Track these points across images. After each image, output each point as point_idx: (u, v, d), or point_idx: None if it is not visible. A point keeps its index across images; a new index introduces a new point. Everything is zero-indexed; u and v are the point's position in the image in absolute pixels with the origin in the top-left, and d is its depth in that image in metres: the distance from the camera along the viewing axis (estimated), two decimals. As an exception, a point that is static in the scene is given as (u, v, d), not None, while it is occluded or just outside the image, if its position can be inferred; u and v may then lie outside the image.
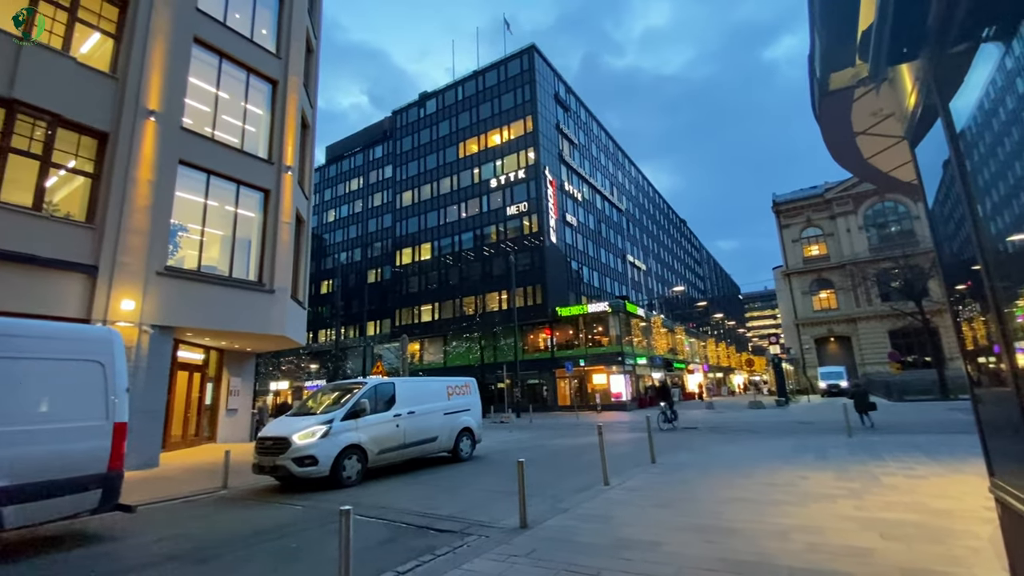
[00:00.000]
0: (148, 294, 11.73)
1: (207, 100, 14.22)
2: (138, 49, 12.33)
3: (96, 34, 12.19)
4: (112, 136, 11.69)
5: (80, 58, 11.62)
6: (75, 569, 4.96)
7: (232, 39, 14.86)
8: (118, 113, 11.84)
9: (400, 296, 52.45)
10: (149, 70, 12.43)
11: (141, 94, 12.19)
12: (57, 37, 11.25)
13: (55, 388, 5.70)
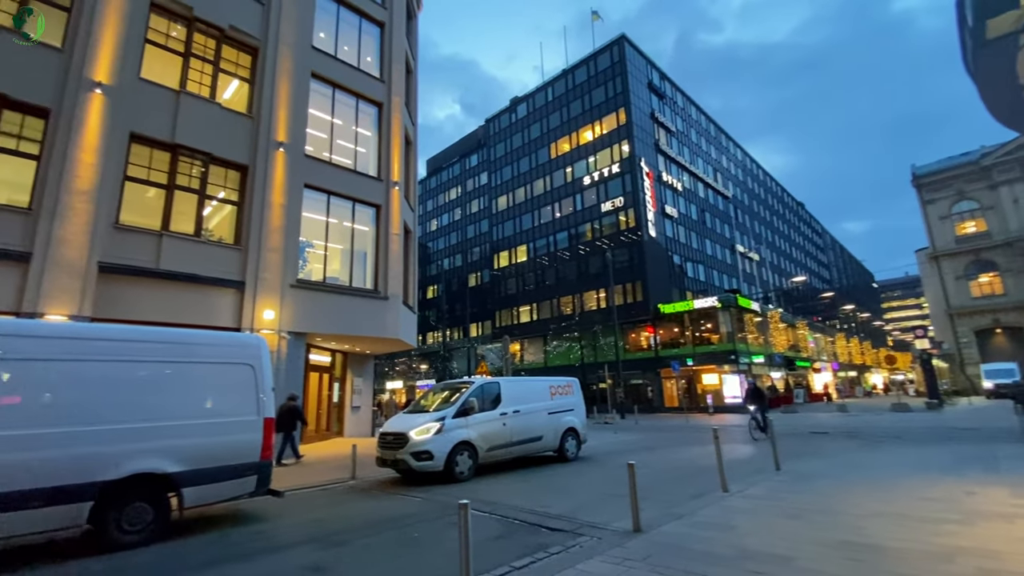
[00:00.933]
0: (284, 305, 13.28)
1: (324, 127, 15.77)
2: (268, 89, 14.04)
3: (235, 81, 14.08)
4: (251, 168, 13.43)
5: (224, 103, 13.50)
6: (237, 544, 5.74)
7: (342, 70, 16.34)
8: (255, 147, 13.58)
9: (499, 298, 53.82)
10: (277, 106, 14.09)
11: (272, 128, 13.86)
12: (206, 88, 13.19)
13: (218, 388, 6.67)
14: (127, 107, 11.50)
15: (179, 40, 12.97)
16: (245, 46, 14.15)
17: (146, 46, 12.26)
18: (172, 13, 12.86)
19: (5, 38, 10.17)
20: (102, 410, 5.63)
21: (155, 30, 12.56)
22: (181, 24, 13.03)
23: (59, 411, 5.40)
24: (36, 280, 9.85)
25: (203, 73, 13.23)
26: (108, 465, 5.49)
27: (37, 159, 10.42)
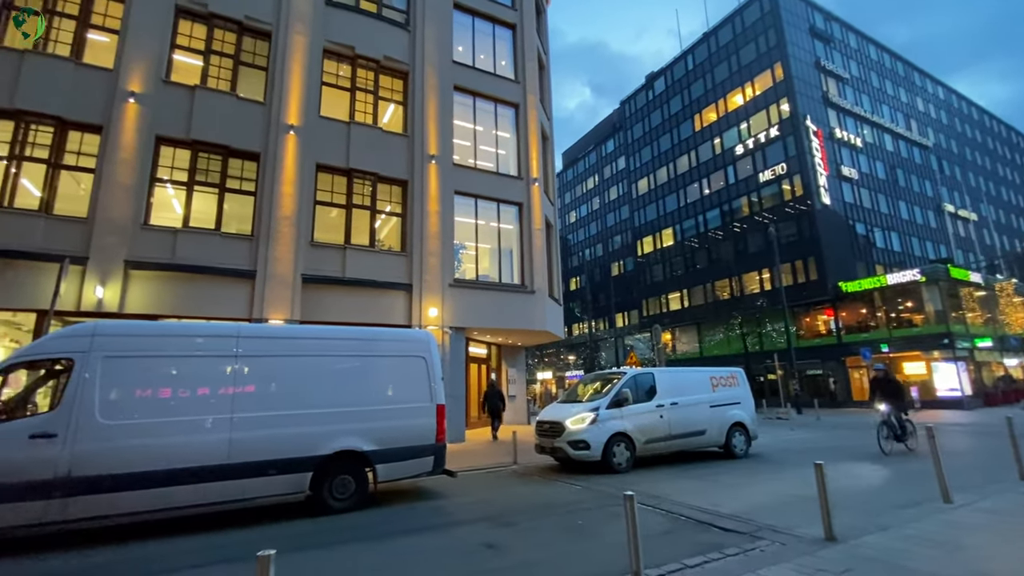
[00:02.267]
0: (445, 303, 14.53)
1: (467, 135, 16.82)
2: (418, 108, 15.43)
3: (392, 105, 15.75)
4: (410, 181, 14.93)
5: (384, 127, 15.20)
6: (422, 517, 6.45)
7: (480, 78, 17.22)
8: (411, 162, 15.05)
9: (645, 286, 51.83)
10: (427, 123, 15.42)
11: (424, 143, 15.22)
12: (369, 115, 14.98)
13: (398, 378, 7.56)
14: (313, 142, 13.64)
15: (346, 78, 14.95)
16: (397, 72, 15.75)
17: (323, 88, 14.38)
18: (339, 55, 14.87)
19: (230, 101, 12.81)
20: (312, 397, 6.78)
21: (328, 73, 14.66)
22: (346, 63, 15.00)
23: (282, 398, 6.64)
24: (260, 292, 12.26)
25: (366, 103, 15.07)
26: (321, 442, 6.60)
27: (254, 194, 12.93)
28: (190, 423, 6.04)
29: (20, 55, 11.00)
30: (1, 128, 10.91)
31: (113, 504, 5.54)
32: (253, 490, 6.23)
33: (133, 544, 5.47)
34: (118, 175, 11.33)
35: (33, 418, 5.52)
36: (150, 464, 5.68)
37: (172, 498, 5.79)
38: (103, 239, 10.93)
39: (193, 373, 6.33)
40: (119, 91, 11.65)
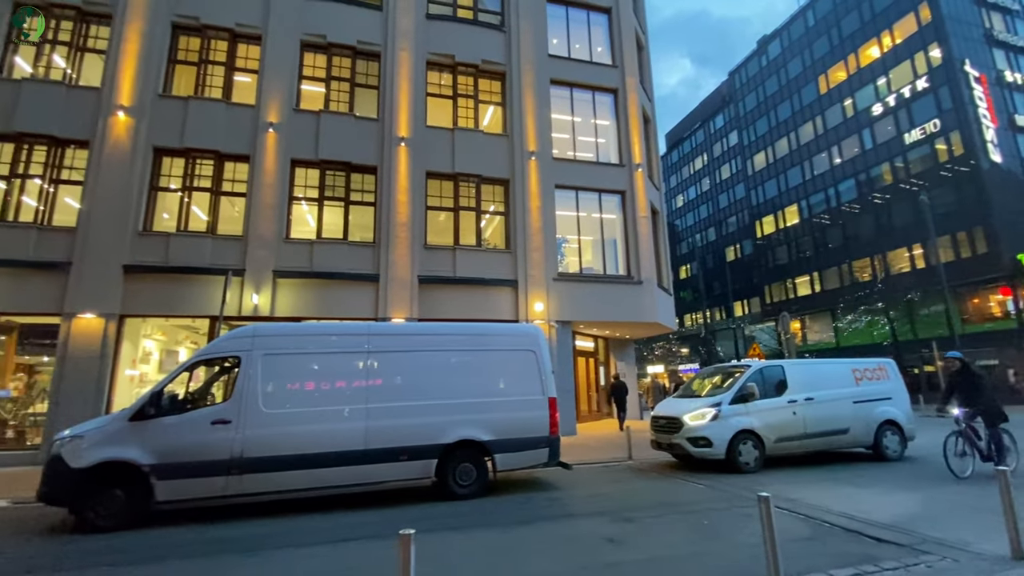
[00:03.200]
0: (550, 297, 14.63)
1: (566, 128, 16.71)
2: (516, 106, 15.66)
3: (491, 107, 16.18)
4: (511, 180, 15.23)
5: (485, 129, 15.68)
6: (540, 507, 6.58)
7: (576, 68, 17.01)
8: (512, 161, 15.35)
9: (767, 270, 47.53)
10: (525, 120, 15.59)
11: (524, 141, 15.43)
12: (471, 120, 15.54)
13: (509, 371, 7.78)
14: (421, 152, 14.50)
15: (447, 86, 15.66)
16: (495, 74, 16.12)
17: (427, 99, 15.20)
18: (441, 65, 15.61)
19: (349, 121, 14.08)
20: (433, 389, 7.23)
21: (431, 83, 15.46)
22: (447, 72, 15.70)
23: (407, 389, 7.17)
24: (384, 293, 13.34)
25: (467, 108, 15.65)
26: (443, 431, 7.03)
27: (374, 205, 14.08)
28: (331, 412, 6.78)
29: (184, 101, 13.11)
30: (175, 165, 13.10)
31: (275, 482, 6.41)
32: (388, 474, 6.82)
33: (286, 518, 6.28)
34: (264, 197, 13.03)
35: (213, 407, 6.56)
36: (302, 448, 6.48)
37: (322, 478, 6.56)
38: (255, 253, 12.66)
39: (331, 368, 7.09)
40: (261, 123, 13.38)
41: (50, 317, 11.50)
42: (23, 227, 11.68)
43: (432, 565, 4.22)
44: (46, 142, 12.26)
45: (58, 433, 6.37)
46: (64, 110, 12.29)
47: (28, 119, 12.05)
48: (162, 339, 13.60)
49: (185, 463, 6.05)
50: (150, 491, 5.96)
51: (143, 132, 12.60)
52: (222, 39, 13.99)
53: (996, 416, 7.43)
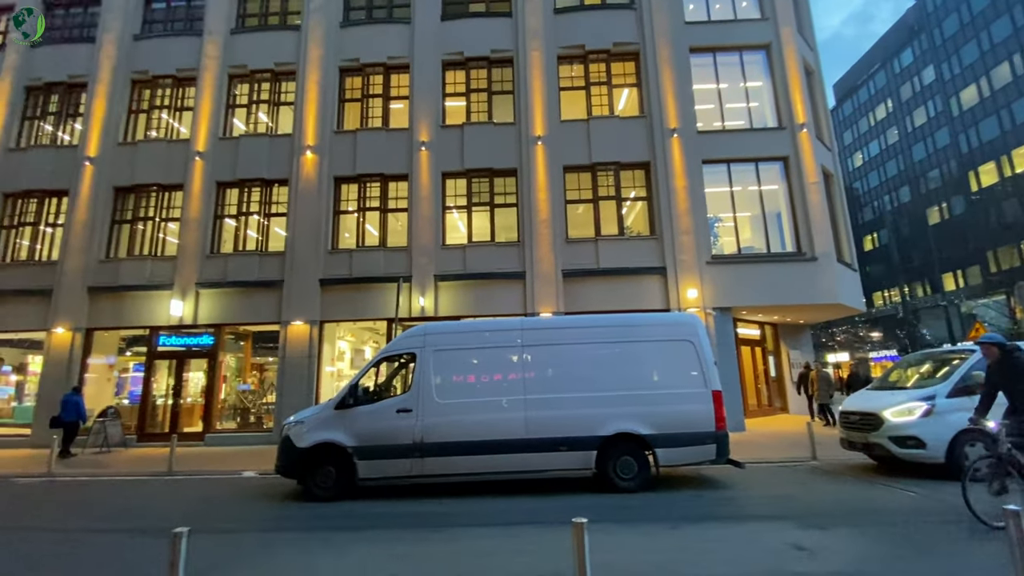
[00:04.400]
0: (704, 282, 13.64)
1: (710, 98, 15.37)
2: (653, 84, 14.89)
3: (626, 90, 15.63)
4: (652, 162, 14.54)
5: (620, 114, 15.21)
6: (711, 505, 6.18)
7: (718, 30, 15.54)
8: (651, 142, 14.64)
9: (988, 232, 38.03)
10: (664, 97, 14.74)
11: (663, 119, 14.61)
12: (605, 107, 15.20)
13: (667, 363, 7.45)
14: (558, 148, 14.63)
15: (579, 77, 15.53)
16: (627, 55, 15.53)
17: (560, 94, 15.27)
18: (571, 58, 15.56)
19: (489, 129, 14.85)
20: (586, 381, 7.27)
21: (564, 77, 15.49)
22: (578, 63, 15.58)
23: (561, 381, 7.31)
24: (530, 289, 13.79)
25: (601, 95, 15.35)
26: (600, 424, 7.02)
27: (516, 205, 14.63)
28: (492, 403, 7.24)
29: (353, 134, 15.09)
30: (350, 191, 15.16)
31: (451, 465, 7.06)
32: (549, 463, 7.05)
33: (463, 499, 6.85)
34: (422, 210, 14.40)
35: (396, 398, 7.47)
36: (470, 435, 7.03)
37: (489, 464, 7.05)
38: (419, 260, 14.07)
39: (489, 361, 7.58)
40: (415, 143, 14.81)
41: (271, 325, 14.23)
42: (249, 255, 14.63)
43: (602, 555, 4.23)
44: (259, 184, 15.18)
45: (286, 419, 7.86)
46: (269, 156, 15.08)
47: (246, 167, 15.05)
48: (352, 340, 15.91)
49: (378, 446, 7.00)
50: (354, 469, 7.02)
51: (325, 165, 14.86)
52: (378, 73, 15.81)
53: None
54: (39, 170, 15.49)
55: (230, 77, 15.93)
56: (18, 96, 16.27)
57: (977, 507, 4.91)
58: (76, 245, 14.71)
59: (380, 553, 4.73)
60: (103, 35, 16.27)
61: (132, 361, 15.02)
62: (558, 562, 4.13)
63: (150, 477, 9.28)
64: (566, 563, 4.09)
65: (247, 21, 16.57)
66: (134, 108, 16.14)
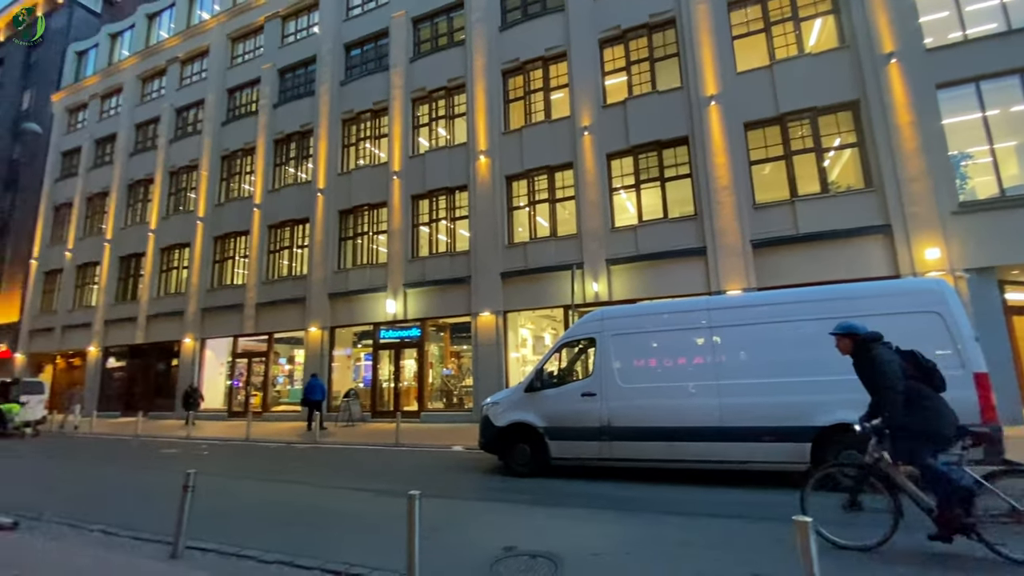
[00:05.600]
0: (949, 238, 10.84)
1: (939, 3, 12.03)
2: (855, 3, 12.29)
3: (818, 20, 13.22)
4: (862, 100, 12.03)
5: (812, 50, 12.93)
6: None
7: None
8: (859, 75, 12.12)
9: None
10: (873, 14, 12.05)
11: (873, 43, 11.97)
12: (792, 46, 13.09)
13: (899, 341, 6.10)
14: (735, 104, 13.12)
15: (756, 19, 13.63)
16: (816, -21, 13.09)
17: (733, 44, 13.63)
18: (745, 1, 13.74)
19: (653, 99, 14.07)
20: (792, 364, 6.37)
21: (736, 24, 13.78)
22: (753, 4, 13.67)
23: (759, 365, 6.56)
24: (713, 265, 12.70)
25: (785, 34, 13.26)
26: (813, 413, 6.10)
27: (689, 176, 13.59)
28: (676, 388, 6.88)
29: (519, 133, 15.74)
30: (520, 187, 15.87)
31: (638, 450, 6.93)
32: (750, 454, 6.41)
33: (648, 486, 6.65)
34: (588, 195, 14.37)
35: (580, 382, 7.62)
36: (656, 420, 6.81)
37: (679, 451, 6.72)
38: (589, 246, 14.10)
39: (671, 345, 7.18)
40: (577, 130, 14.82)
41: (464, 317, 15.80)
42: (441, 256, 16.46)
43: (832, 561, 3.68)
44: (444, 192, 16.93)
45: (484, 400, 8.66)
46: (449, 166, 16.69)
47: (433, 179, 16.91)
48: (532, 327, 16.77)
49: (567, 427, 7.25)
50: (546, 449, 7.39)
51: (497, 167, 15.85)
52: (536, 68, 16.21)
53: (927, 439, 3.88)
54: (288, 204, 19.74)
55: (413, 101, 18.04)
56: (269, 149, 20.95)
57: (822, 526, 4.10)
58: (318, 260, 18.41)
59: (585, 530, 4.89)
60: (319, 87, 19.93)
61: (363, 352, 18.24)
62: (775, 564, 3.74)
63: (383, 447, 11.16)
64: (784, 565, 3.68)
65: (422, 47, 18.53)
66: (346, 143, 19.44)
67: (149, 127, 25.65)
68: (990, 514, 3.68)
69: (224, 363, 20.64)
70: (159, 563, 4.18)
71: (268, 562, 4.22)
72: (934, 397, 4.04)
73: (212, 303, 20.65)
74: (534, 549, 4.40)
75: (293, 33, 21.94)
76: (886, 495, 4.09)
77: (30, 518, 5.64)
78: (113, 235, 24.60)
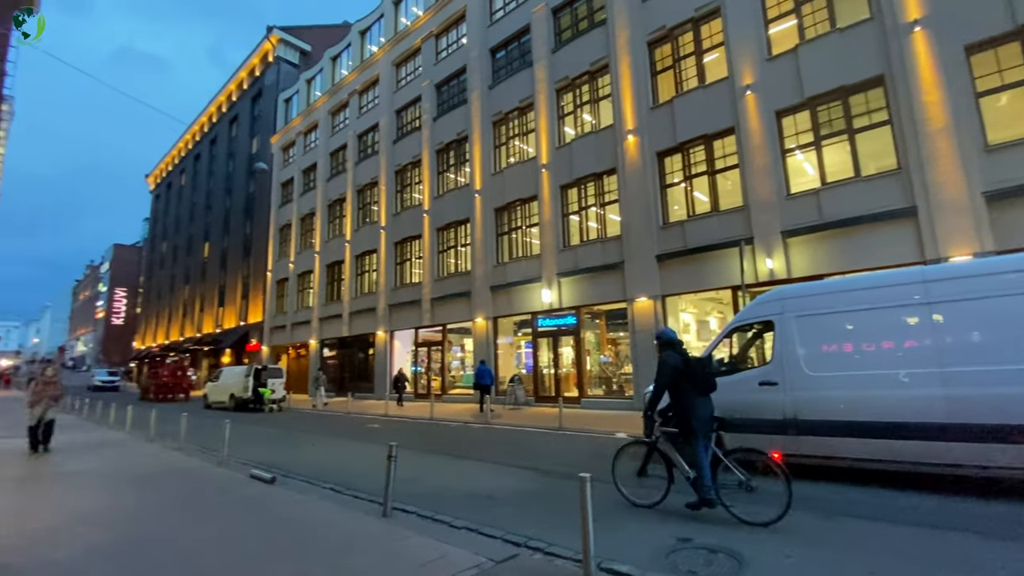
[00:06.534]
0: None
1: None
2: None
3: None
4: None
5: None
6: None
7: None
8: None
9: None
10: None
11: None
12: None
13: None
14: (947, 26, 10.47)
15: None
16: None
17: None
18: None
19: (832, 39, 11.99)
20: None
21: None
22: None
23: (1004, 349, 5.19)
24: (928, 227, 10.40)
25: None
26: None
27: (888, 122, 11.27)
28: (882, 377, 5.79)
29: (669, 105, 14.78)
30: (674, 162, 14.93)
31: (831, 447, 6.02)
32: (988, 457, 5.14)
33: (843, 487, 5.73)
34: (755, 161, 12.90)
35: (756, 369, 6.92)
36: (857, 415, 5.82)
37: (888, 451, 5.67)
38: (759, 218, 12.67)
39: (873, 326, 6.07)
40: (737, 90, 13.38)
41: (619, 303, 15.53)
42: (592, 243, 16.40)
43: None
44: (592, 179, 16.78)
45: (645, 389, 8.42)
46: (596, 151, 16.48)
47: (580, 166, 16.89)
48: (694, 311, 15.75)
49: (743, 419, 6.64)
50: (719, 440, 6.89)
51: (646, 144, 15.16)
52: (686, 32, 15.01)
53: (690, 425, 5.01)
54: (451, 208, 21.58)
55: (557, 91, 18.20)
56: (432, 159, 23.10)
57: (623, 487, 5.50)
58: (479, 257, 19.81)
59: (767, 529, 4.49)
60: (471, 94, 21.30)
61: (523, 340, 19.16)
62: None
63: (547, 430, 11.61)
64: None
65: (563, 36, 18.55)
66: (497, 143, 20.48)
67: (339, 153, 30.30)
68: (727, 485, 4.77)
69: (409, 351, 23.55)
70: (375, 519, 4.98)
71: (457, 527, 4.73)
72: (695, 394, 5.03)
73: (396, 300, 23.67)
74: (712, 543, 4.17)
75: (445, 48, 23.79)
76: (663, 466, 5.27)
77: (282, 475, 7.18)
78: (320, 247, 29.73)
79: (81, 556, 4.09)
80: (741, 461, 4.81)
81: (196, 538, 4.53)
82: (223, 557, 4.04)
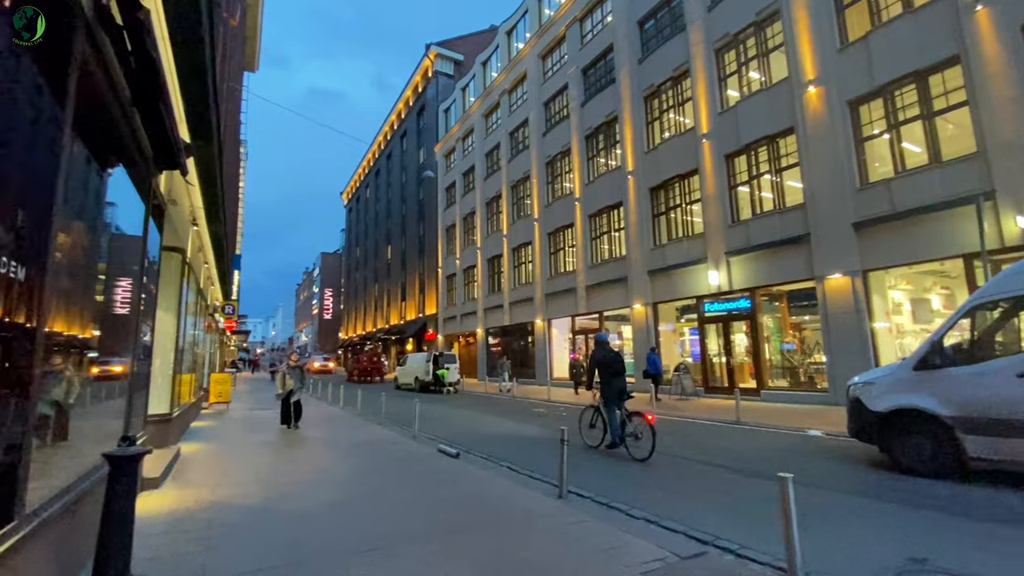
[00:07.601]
0: None
1: None
2: None
3: None
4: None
5: None
6: None
7: None
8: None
9: None
10: None
11: None
12: None
13: None
14: None
15: None
16: None
17: None
18: None
19: None
20: None
21: None
22: None
23: None
24: None
25: None
26: None
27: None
28: None
29: (863, 41, 12.29)
30: (873, 110, 12.42)
31: None
32: None
33: None
34: (993, 91, 10.04)
35: (1015, 357, 5.41)
36: None
37: None
38: (1004, 165, 9.87)
39: None
40: (961, 7, 10.55)
41: (804, 283, 13.58)
42: (768, 215, 14.58)
43: None
44: (764, 142, 14.88)
45: (849, 380, 7.21)
46: (769, 110, 14.56)
47: (748, 131, 15.10)
48: (907, 288, 12.99)
49: (996, 419, 5.27)
50: (955, 444, 5.59)
51: (834, 94, 12.90)
52: (883, -51, 12.33)
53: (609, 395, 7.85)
54: (602, 193, 21.19)
55: (715, 52, 16.53)
56: (582, 146, 22.91)
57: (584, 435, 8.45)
58: (633, 241, 19.14)
59: (1040, 562, 3.51)
60: (619, 72, 20.55)
61: (687, 326, 18.00)
62: None
63: (722, 424, 10.71)
64: None
65: (720, -11, 16.75)
66: (649, 119, 19.45)
67: (493, 153, 31.93)
68: (629, 434, 7.55)
69: (567, 339, 23.91)
70: (552, 500, 5.13)
71: (635, 517, 4.62)
72: (613, 375, 7.79)
73: (552, 289, 24.19)
74: (958, 570, 3.39)
75: (590, 30, 23.33)
76: (600, 421, 8.19)
77: (465, 451, 7.86)
78: (481, 243, 31.82)
79: (327, 505, 5.01)
80: (632, 419, 7.60)
81: (402, 500, 5.20)
82: (428, 525, 4.53)
